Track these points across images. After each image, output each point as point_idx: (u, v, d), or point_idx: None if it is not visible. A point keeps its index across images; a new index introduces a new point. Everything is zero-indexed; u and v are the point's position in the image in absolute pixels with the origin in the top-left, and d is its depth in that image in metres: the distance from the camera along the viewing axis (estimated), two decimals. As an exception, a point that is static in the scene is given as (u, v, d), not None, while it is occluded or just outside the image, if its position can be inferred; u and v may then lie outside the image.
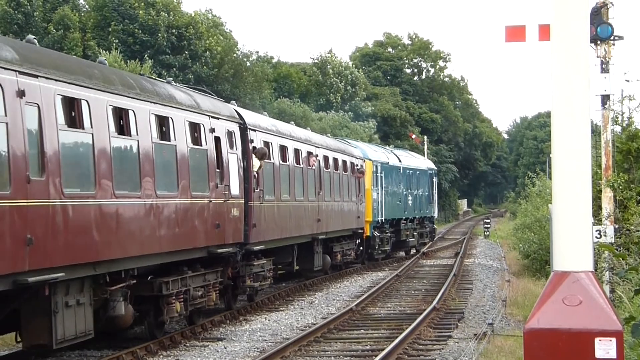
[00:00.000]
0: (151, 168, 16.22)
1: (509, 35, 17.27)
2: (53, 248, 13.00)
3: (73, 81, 13.93)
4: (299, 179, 26.53)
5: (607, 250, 16.03)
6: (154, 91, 17.12)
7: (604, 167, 20.58)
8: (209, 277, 19.32)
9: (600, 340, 7.04)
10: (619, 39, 20.05)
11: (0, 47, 12.47)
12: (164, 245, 16.70)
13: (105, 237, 14.52)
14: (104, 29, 55.02)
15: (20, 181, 12.23)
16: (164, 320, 17.64)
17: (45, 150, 12.90)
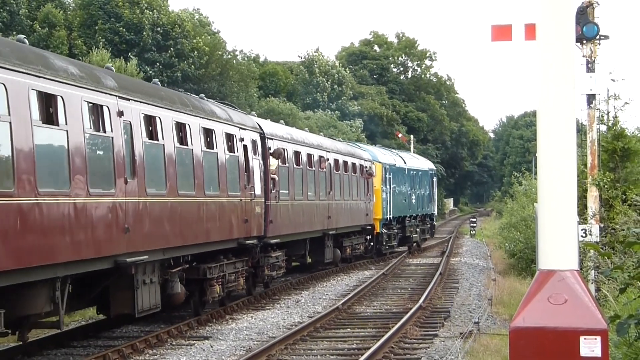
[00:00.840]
0: (201, 172, 19.55)
1: (495, 34, 17.30)
2: (141, 236, 16.41)
3: (151, 102, 17.53)
4: (311, 180, 29.61)
5: (593, 249, 16.10)
6: (201, 107, 20.49)
7: (589, 166, 20.65)
8: (238, 265, 22.57)
9: (585, 339, 7.06)
10: (604, 39, 20.12)
11: (106, 77, 15.97)
12: (210, 236, 20.01)
13: (172, 228, 17.90)
14: (91, 27, 54.86)
15: (120, 183, 15.70)
16: (207, 299, 20.74)
17: (135, 157, 16.42)
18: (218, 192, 20.46)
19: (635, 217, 19.18)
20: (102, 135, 15.44)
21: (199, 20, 61.34)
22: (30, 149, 12.94)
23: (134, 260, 15.97)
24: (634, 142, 23.26)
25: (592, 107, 20.33)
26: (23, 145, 12.76)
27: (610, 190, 21.13)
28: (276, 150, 24.79)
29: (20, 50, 13.54)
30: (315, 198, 30.05)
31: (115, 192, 15.55)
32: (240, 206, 22.00)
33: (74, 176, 14.17)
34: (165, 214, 17.60)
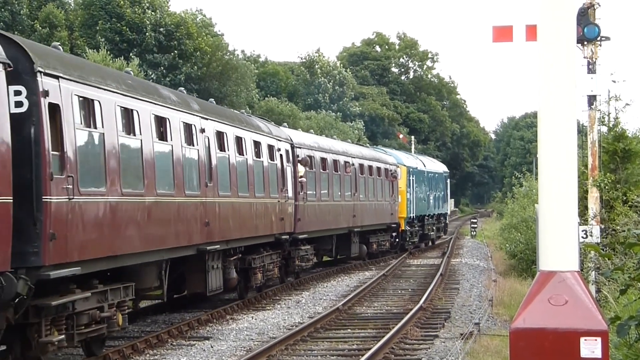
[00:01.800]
0: (253, 177, 23.49)
1: (497, 35, 17.31)
2: (215, 229, 20.23)
3: (221, 121, 21.44)
4: (336, 183, 33.27)
5: (593, 250, 16.10)
6: (251, 123, 24.84)
7: (590, 167, 20.65)
8: (273, 256, 26.09)
9: (585, 340, 7.07)
10: (605, 40, 20.13)
11: (192, 102, 20.33)
12: (258, 231, 23.85)
13: (234, 224, 21.74)
14: (92, 27, 54.88)
15: (203, 185, 19.55)
16: (251, 285, 24.45)
17: (212, 166, 20.18)
18: (263, 194, 24.42)
19: (635, 219, 19.19)
20: (192, 149, 19.20)
21: (202, 21, 61.36)
22: (152, 160, 16.85)
23: (211, 248, 20.04)
24: (635, 143, 23.26)
25: (593, 108, 20.33)
26: (147, 157, 16.66)
27: (610, 191, 21.14)
28: (303, 159, 28.70)
29: (144, 84, 18.50)
30: (341, 199, 33.67)
31: (200, 194, 19.45)
32: (278, 206, 25.87)
33: (176, 181, 18.11)
34: (230, 212, 21.57)
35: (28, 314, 13.04)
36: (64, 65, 14.21)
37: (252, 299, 24.87)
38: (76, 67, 14.81)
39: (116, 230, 15.26)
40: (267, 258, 25.35)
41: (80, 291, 14.27)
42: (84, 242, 14.04)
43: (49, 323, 13.50)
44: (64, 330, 13.91)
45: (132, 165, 16.06)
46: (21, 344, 13.33)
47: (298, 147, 28.55)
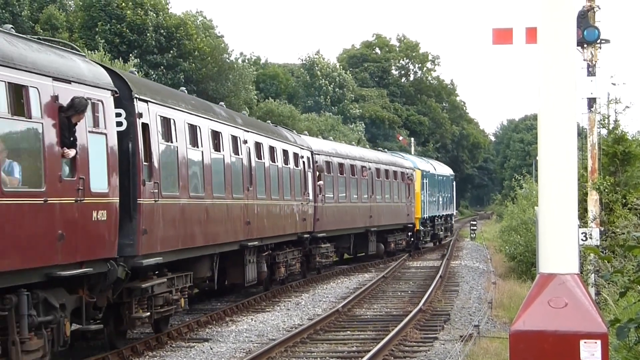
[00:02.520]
0: (282, 182, 26.81)
1: (497, 37, 17.32)
2: (254, 227, 23.33)
3: (258, 132, 24.98)
4: (353, 186, 36.33)
5: (593, 252, 16.10)
6: (280, 133, 28.30)
7: (590, 169, 20.66)
8: (295, 253, 29.00)
9: (585, 343, 7.07)
10: (605, 43, 20.14)
11: (237, 117, 23.89)
12: (285, 230, 27.10)
13: (267, 223, 24.87)
14: (91, 29, 54.88)
15: (245, 189, 22.69)
16: (276, 278, 27.31)
17: (252, 172, 23.38)
18: (290, 197, 27.64)
19: (635, 221, 19.19)
20: (237, 157, 22.40)
21: (202, 23, 61.35)
22: (210, 168, 19.97)
23: (250, 244, 23.03)
24: (635, 146, 23.27)
25: (593, 110, 20.34)
26: (207, 166, 19.76)
27: (610, 194, 21.14)
28: (319, 165, 31.62)
29: (204, 104, 21.89)
30: (358, 201, 36.69)
31: (243, 197, 22.50)
32: (300, 208, 28.95)
33: (226, 185, 21.19)
34: (265, 213, 24.64)
35: (122, 294, 15.97)
36: (151, 91, 17.61)
37: (252, 301, 24.89)
38: (158, 92, 18.26)
39: (185, 228, 18.45)
40: (290, 254, 28.32)
41: (156, 277, 17.23)
42: (164, 237, 17.16)
43: (136, 303, 16.39)
44: (146, 309, 16.76)
45: (196, 173, 19.39)
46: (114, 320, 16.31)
47: (317, 154, 31.80)
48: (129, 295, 16.15)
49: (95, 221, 14.28)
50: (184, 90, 22.17)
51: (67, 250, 13.39)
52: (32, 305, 12.64)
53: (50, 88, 13.29)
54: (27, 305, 12.46)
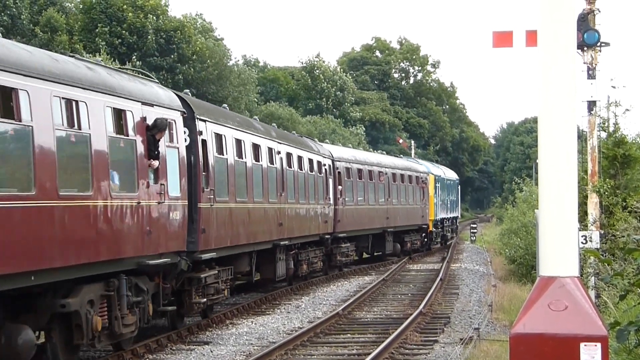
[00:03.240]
0: (308, 187, 29.80)
1: (497, 40, 17.32)
2: (285, 228, 26.59)
3: (289, 144, 28.24)
4: (371, 190, 39.18)
5: (593, 255, 16.08)
6: (306, 144, 31.71)
7: (590, 172, 20.65)
8: (317, 252, 32.07)
9: (585, 345, 7.07)
10: (605, 46, 20.15)
11: (272, 130, 27.47)
12: (310, 230, 30.37)
13: (295, 224, 28.05)
14: (91, 32, 54.92)
15: (279, 195, 25.90)
16: (299, 274, 29.97)
17: (284, 179, 26.65)
18: (314, 201, 30.68)
19: (635, 224, 19.18)
20: (272, 167, 25.53)
21: (202, 25, 61.35)
22: (251, 176, 23.24)
23: (283, 243, 26.38)
24: (635, 149, 23.27)
25: (593, 113, 20.35)
26: (249, 174, 23.09)
27: (610, 197, 21.14)
28: (340, 171, 34.78)
29: (246, 121, 25.72)
30: (375, 203, 39.55)
31: (277, 201, 25.70)
32: (322, 210, 32.01)
33: (264, 191, 24.43)
34: (294, 215, 27.82)
35: (184, 283, 18.96)
36: (208, 112, 20.80)
37: (252, 303, 24.90)
38: (212, 113, 21.38)
39: (232, 228, 21.56)
40: (312, 253, 31.35)
41: (208, 270, 19.98)
42: (217, 236, 20.17)
43: (195, 291, 19.26)
44: (202, 296, 19.55)
45: (241, 180, 22.44)
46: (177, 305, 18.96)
47: (338, 161, 34.84)
48: (189, 284, 19.22)
49: (172, 220, 17.37)
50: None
51: (152, 244, 16.42)
52: (128, 288, 15.62)
53: (140, 111, 16.36)
54: (125, 287, 15.50)
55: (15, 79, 12.43)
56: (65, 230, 13.59)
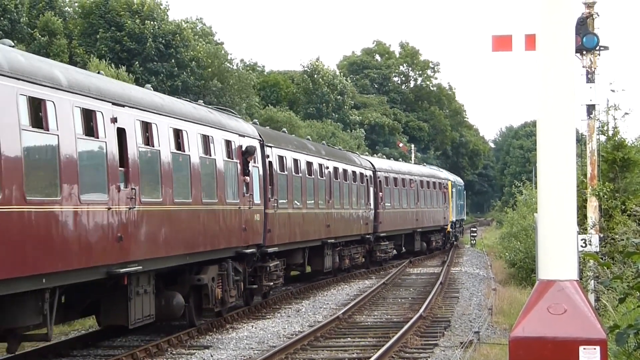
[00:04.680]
0: (352, 195, 35.72)
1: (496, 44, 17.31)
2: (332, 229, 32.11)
3: (336, 160, 33.73)
4: (405, 196, 45.46)
5: (592, 259, 16.11)
6: (351, 158, 37.50)
7: (589, 176, 20.67)
8: (359, 249, 37.85)
9: (584, 349, 7.09)
10: (604, 49, 20.16)
11: (321, 149, 32.05)
12: (352, 231, 35.92)
13: (341, 225, 34.02)
14: (91, 36, 54.94)
15: (326, 201, 30.70)
16: (342, 267, 35.23)
17: (331, 189, 31.55)
18: (357, 206, 36.61)
19: (634, 228, 19.21)
20: (323, 179, 31.50)
21: (201, 30, 61.35)
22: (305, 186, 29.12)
23: (329, 241, 32.10)
24: (634, 152, 23.29)
25: (592, 117, 20.36)
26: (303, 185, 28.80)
27: (609, 200, 21.15)
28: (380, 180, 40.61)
29: (302, 142, 31.15)
30: (407, 207, 45.70)
31: (325, 207, 31.42)
32: (364, 214, 38.03)
33: (315, 199, 30.11)
34: (339, 218, 33.89)
35: (256, 270, 24.46)
36: (273, 139, 26.58)
37: (252, 308, 24.91)
38: (276, 139, 27.20)
39: (290, 229, 27.46)
40: (354, 250, 36.97)
41: (271, 260, 25.51)
42: (279, 234, 25.98)
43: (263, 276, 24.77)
44: (269, 280, 25.20)
45: (298, 191, 28.36)
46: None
47: (378, 171, 41.14)
48: (260, 270, 24.73)
49: (255, 221, 23.34)
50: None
51: (246, 238, 22.44)
52: (232, 270, 21.70)
53: (238, 140, 22.53)
54: (231, 269, 21.61)
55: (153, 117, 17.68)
56: (205, 226, 19.83)
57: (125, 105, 16.50)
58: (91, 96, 15.26)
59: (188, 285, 19.71)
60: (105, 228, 15.39)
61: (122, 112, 16.24)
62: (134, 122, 16.77)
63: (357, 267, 38.30)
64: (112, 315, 16.91)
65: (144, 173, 16.92)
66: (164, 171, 17.79)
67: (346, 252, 35.62)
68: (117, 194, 15.80)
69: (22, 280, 13.08)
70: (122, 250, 15.93)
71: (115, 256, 15.71)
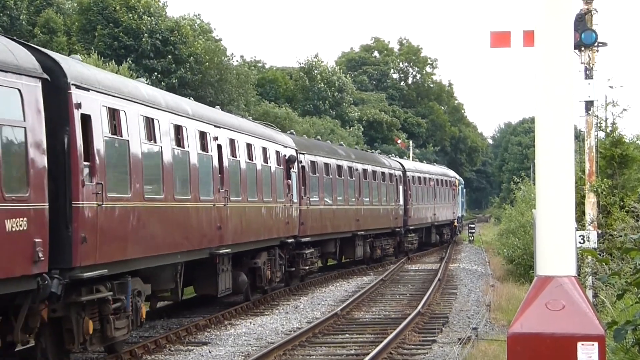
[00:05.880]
0: (382, 193, 41.07)
1: (494, 40, 17.33)
2: (361, 223, 37.64)
3: (365, 162, 39.66)
4: (426, 193, 51.37)
5: (591, 255, 16.11)
6: (380, 160, 42.98)
7: (587, 172, 20.67)
8: (390, 241, 43.18)
9: (582, 345, 7.09)
10: (602, 46, 20.15)
11: (351, 152, 39.56)
12: (382, 224, 41.23)
13: (371, 220, 38.82)
14: (89, 33, 54.88)
15: (357, 198, 36.38)
16: (374, 257, 40.44)
17: (361, 187, 37.20)
18: (386, 202, 41.85)
19: (632, 224, 19.20)
20: (352, 180, 36.51)
21: (200, 26, 61.24)
22: (335, 186, 33.75)
23: (359, 233, 36.94)
24: (632, 148, 23.30)
25: (590, 113, 20.36)
26: (339, 185, 34.08)
27: (608, 196, 21.16)
28: (409, 179, 46.36)
29: (331, 148, 36.35)
30: (428, 203, 51.75)
31: (355, 203, 36.58)
32: (395, 209, 43.82)
33: (345, 196, 35.06)
34: (369, 213, 38.87)
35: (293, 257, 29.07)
36: (305, 147, 31.39)
37: (250, 304, 24.91)
38: (308, 146, 32.03)
39: (321, 222, 32.10)
40: (385, 241, 42.06)
41: (307, 248, 30.17)
42: (311, 227, 30.57)
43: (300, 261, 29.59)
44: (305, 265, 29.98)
45: (328, 190, 33.16)
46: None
47: (407, 171, 47.01)
48: (298, 257, 29.32)
49: (294, 216, 28.29)
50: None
51: (287, 229, 27.39)
52: (279, 256, 26.64)
53: (283, 151, 27.67)
54: (277, 255, 26.43)
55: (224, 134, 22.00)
56: (264, 220, 25.08)
57: (221, 127, 21.79)
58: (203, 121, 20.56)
59: (247, 267, 24.30)
60: (210, 220, 20.40)
61: (219, 132, 21.51)
62: (226, 140, 22.02)
63: (388, 257, 43.60)
64: (205, 287, 21.71)
65: (231, 179, 22.10)
66: (242, 177, 23.13)
67: (377, 243, 40.64)
68: (218, 194, 20.95)
69: (168, 256, 18.03)
70: (220, 237, 20.98)
71: (215, 241, 20.73)
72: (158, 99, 17.97)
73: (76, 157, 13.96)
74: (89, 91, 14.71)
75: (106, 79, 16.11)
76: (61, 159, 13.83)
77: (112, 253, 15.11)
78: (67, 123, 13.89)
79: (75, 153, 13.92)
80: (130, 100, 16.32)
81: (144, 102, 16.91)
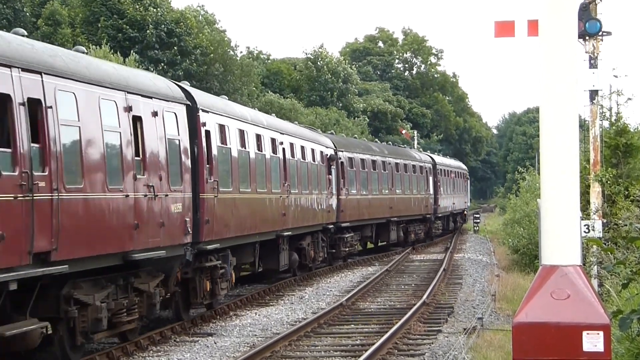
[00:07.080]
0: (413, 183, 46.38)
1: (499, 30, 17.31)
2: (395, 210, 42.80)
3: (397, 157, 44.99)
4: (450, 184, 57.98)
5: (596, 244, 16.12)
6: (411, 155, 49.65)
7: (592, 162, 20.66)
8: (421, 226, 48.31)
9: (588, 334, 7.09)
10: (607, 35, 20.13)
11: (384, 148, 44.97)
12: (414, 211, 46.62)
13: (403, 207, 44.43)
14: (93, 24, 54.86)
15: (390, 188, 42.35)
16: (408, 240, 45.32)
17: (393, 179, 43.08)
18: (417, 192, 46.87)
19: (637, 213, 19.19)
20: (386, 172, 41.50)
21: (204, 17, 61.17)
22: (370, 178, 39.29)
23: (393, 219, 42.03)
24: (637, 138, 23.27)
25: (595, 103, 20.34)
26: (368, 177, 38.99)
27: (612, 186, 21.15)
28: (438, 171, 52.74)
29: (367, 145, 43.14)
30: (451, 194, 58.54)
31: (388, 192, 41.45)
32: (425, 199, 49.00)
33: (379, 187, 40.41)
34: (401, 201, 43.99)
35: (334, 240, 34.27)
36: (344, 145, 36.54)
37: (255, 295, 24.95)
38: (346, 145, 37.56)
39: (359, 210, 36.96)
40: (417, 227, 47.40)
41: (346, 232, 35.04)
42: (350, 214, 35.31)
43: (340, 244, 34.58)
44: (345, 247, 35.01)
45: (364, 182, 38.10)
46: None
47: (437, 165, 53.54)
48: (339, 240, 34.24)
49: (332, 204, 32.69)
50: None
51: (328, 216, 31.92)
52: (321, 239, 31.16)
53: (325, 151, 32.40)
54: (320, 238, 31.01)
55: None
56: (312, 207, 29.91)
57: (284, 134, 27.14)
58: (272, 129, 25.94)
59: (295, 247, 28.37)
60: (278, 208, 25.53)
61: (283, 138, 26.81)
62: (288, 144, 27.35)
63: (420, 241, 48.56)
64: (270, 262, 26.13)
65: (293, 176, 27.45)
66: (298, 173, 28.30)
67: (411, 229, 45.94)
68: (283, 187, 26.10)
69: (251, 236, 22.95)
70: (283, 222, 25.95)
71: (280, 225, 25.61)
72: (245, 115, 23.40)
73: (202, 161, 18.94)
74: (208, 113, 19.86)
75: (217, 102, 21.75)
76: (193, 163, 18.56)
77: (222, 232, 20.10)
78: (196, 136, 18.86)
79: (202, 158, 18.95)
80: (230, 117, 21.51)
81: (237, 118, 22.10)
